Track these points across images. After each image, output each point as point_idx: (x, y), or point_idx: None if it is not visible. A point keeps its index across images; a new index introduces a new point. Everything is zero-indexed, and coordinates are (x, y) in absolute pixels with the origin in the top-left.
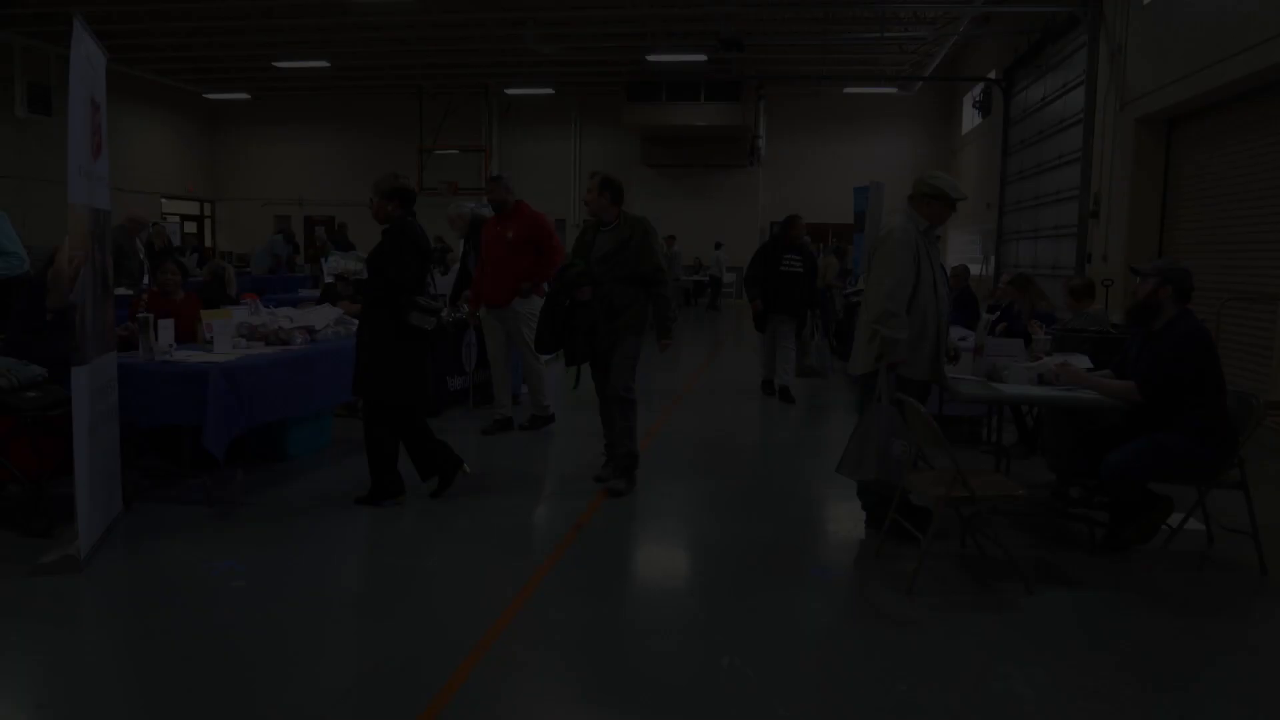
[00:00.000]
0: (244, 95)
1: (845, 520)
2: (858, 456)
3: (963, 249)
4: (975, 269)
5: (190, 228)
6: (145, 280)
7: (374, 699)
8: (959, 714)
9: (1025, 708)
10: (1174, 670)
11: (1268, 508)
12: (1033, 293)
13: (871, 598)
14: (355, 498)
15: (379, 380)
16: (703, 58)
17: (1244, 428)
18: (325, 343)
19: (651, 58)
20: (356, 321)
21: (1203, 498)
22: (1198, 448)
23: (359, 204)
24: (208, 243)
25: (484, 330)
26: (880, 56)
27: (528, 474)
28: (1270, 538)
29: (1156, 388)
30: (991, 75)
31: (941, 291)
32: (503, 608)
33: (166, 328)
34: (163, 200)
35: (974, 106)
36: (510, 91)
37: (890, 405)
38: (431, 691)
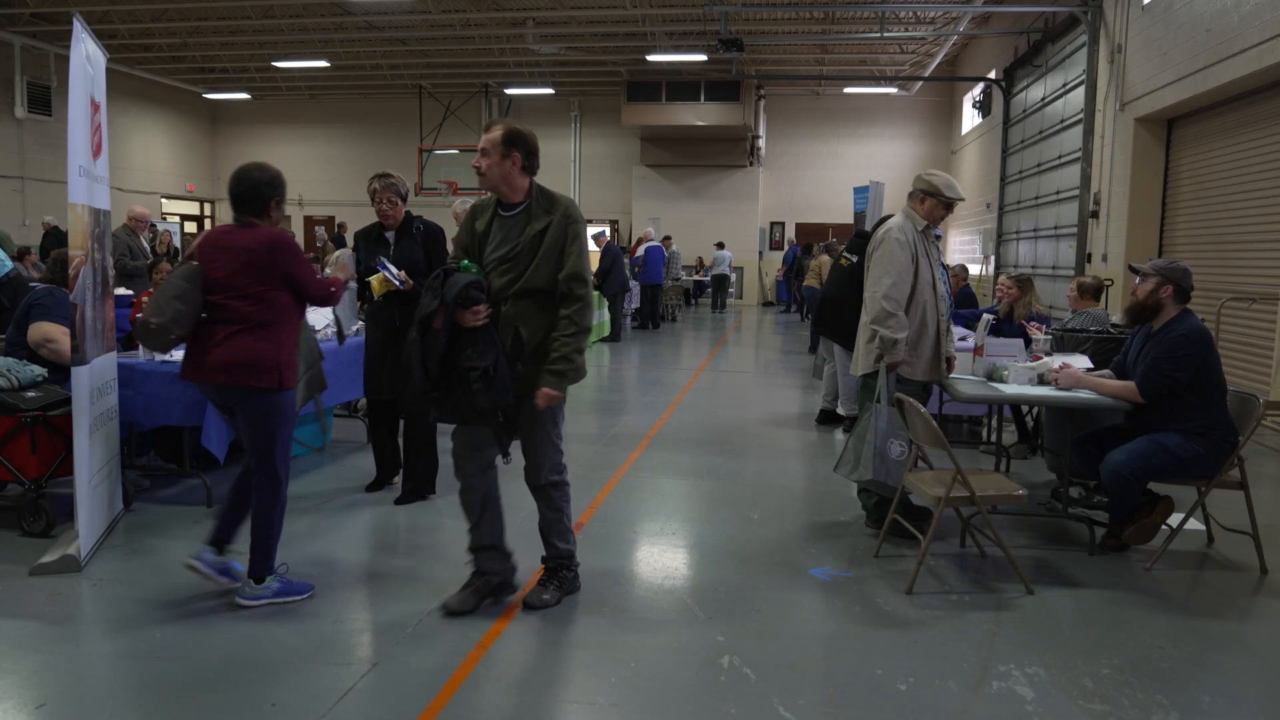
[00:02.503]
0: (244, 95)
1: (845, 520)
2: (855, 457)
3: (962, 249)
4: (975, 269)
5: (190, 228)
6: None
7: (374, 699)
8: (959, 714)
9: (1025, 708)
10: (1174, 670)
11: (1268, 508)
12: (1030, 295)
13: (871, 598)
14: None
15: None
16: (703, 58)
17: (1244, 428)
18: (325, 342)
19: (651, 58)
20: (357, 322)
21: (1203, 498)
22: (1198, 448)
23: (359, 204)
24: None
25: None
26: (880, 56)
27: None
28: (1270, 538)
29: (1156, 388)
30: (991, 75)
31: (941, 290)
32: (503, 608)
33: None
34: (163, 200)
35: (974, 106)
36: (510, 91)
37: (889, 406)
38: (431, 692)
